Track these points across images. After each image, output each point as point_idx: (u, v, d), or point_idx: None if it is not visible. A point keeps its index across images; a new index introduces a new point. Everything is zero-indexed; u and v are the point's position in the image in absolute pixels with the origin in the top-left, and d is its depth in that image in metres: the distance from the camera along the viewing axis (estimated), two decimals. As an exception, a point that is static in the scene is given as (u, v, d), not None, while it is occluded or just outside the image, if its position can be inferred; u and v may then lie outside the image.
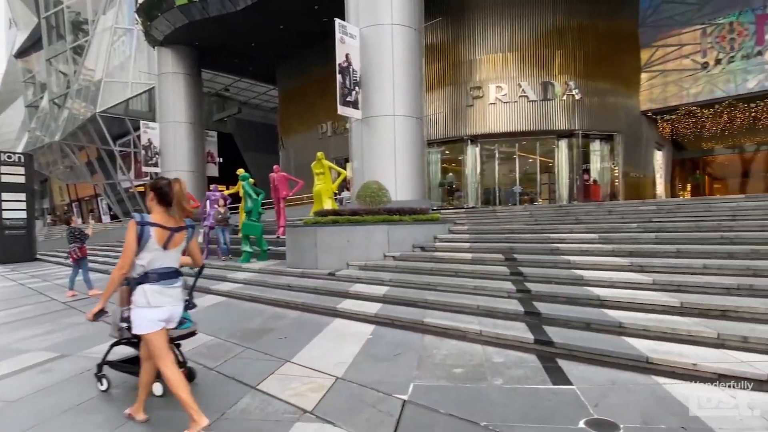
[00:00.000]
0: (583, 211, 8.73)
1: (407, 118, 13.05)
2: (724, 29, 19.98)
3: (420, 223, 8.42)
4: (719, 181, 29.69)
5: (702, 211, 7.31)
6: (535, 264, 5.94)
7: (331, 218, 8.28)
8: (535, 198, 21.41)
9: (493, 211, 10.44)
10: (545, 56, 19.93)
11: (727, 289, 4.14)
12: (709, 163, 30.04)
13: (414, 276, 6.43)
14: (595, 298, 4.47)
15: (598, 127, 20.41)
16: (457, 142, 20.57)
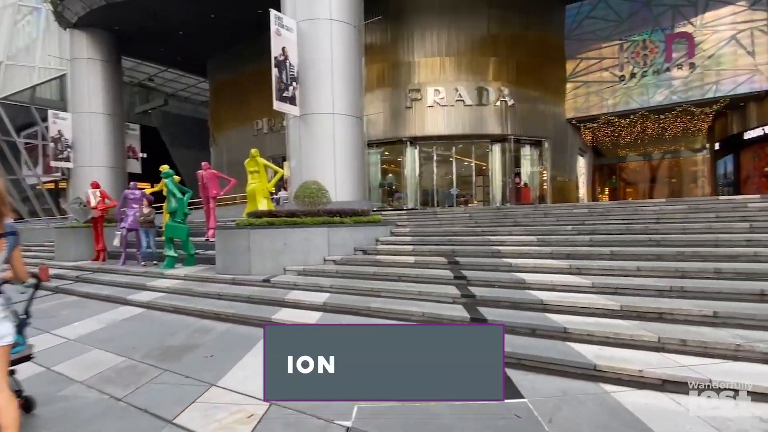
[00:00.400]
0: (520, 213, 8.94)
1: (347, 116, 12.73)
2: (639, 46, 21.76)
3: (361, 225, 8.14)
4: (631, 186, 32.52)
5: (630, 214, 7.74)
6: (478, 267, 5.89)
7: (266, 219, 7.75)
8: (470, 200, 22.02)
9: (434, 213, 10.43)
10: (480, 62, 20.52)
11: (660, 291, 4.28)
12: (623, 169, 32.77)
13: (356, 281, 6.12)
14: (539, 303, 4.44)
15: (528, 133, 21.38)
16: (396, 143, 20.57)
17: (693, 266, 4.69)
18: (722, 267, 4.50)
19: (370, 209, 9.24)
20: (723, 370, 2.95)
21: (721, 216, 6.62)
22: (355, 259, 7.15)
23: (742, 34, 19.27)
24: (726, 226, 5.97)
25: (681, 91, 20.69)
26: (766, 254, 4.72)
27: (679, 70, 20.70)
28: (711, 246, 5.35)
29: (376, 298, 5.38)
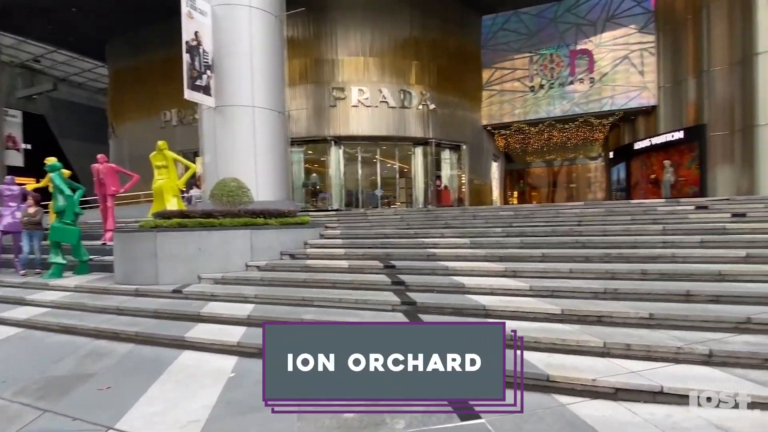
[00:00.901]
0: (450, 215, 8.95)
1: (269, 111, 11.97)
2: (546, 59, 23.45)
3: (288, 227, 7.54)
4: (536, 190, 35.22)
5: (553, 216, 8.07)
6: (415, 271, 5.66)
7: (176, 221, 6.85)
8: (393, 201, 22.12)
9: (364, 214, 10.11)
10: (403, 65, 20.70)
11: (595, 293, 4.35)
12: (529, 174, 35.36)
13: (285, 290, 5.57)
14: (481, 308, 4.29)
15: (448, 137, 22.02)
16: (320, 142, 20.00)
17: (621, 267, 4.87)
18: (647, 268, 4.72)
19: (297, 210, 8.66)
20: (670, 375, 2.96)
21: (636, 219, 7.13)
22: (282, 265, 6.57)
23: (633, 54, 21.59)
24: (641, 228, 6.41)
25: (582, 103, 22.66)
26: (682, 255, 5.07)
27: (581, 84, 22.67)
28: (630, 247, 5.66)
29: (309, 308, 4.90)
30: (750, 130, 16.96)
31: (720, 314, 3.57)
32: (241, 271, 6.64)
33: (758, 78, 16.56)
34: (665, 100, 20.98)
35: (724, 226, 6.03)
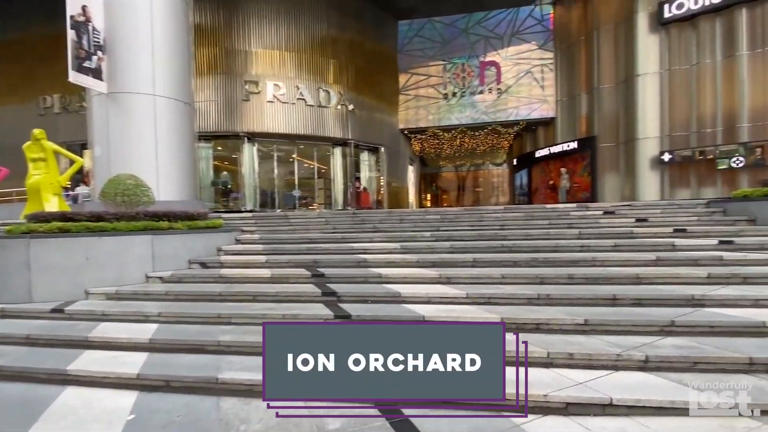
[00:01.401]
0: (377, 218, 8.70)
1: (173, 101, 10.82)
2: (458, 68, 24.46)
3: (198, 231, 6.70)
4: (446, 193, 36.77)
5: (477, 220, 8.19)
6: (346, 279, 5.28)
7: (57, 224, 5.70)
8: (311, 203, 21.44)
9: (285, 216, 9.46)
10: (322, 63, 20.18)
11: (529, 299, 4.36)
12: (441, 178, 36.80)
13: (197, 305, 4.85)
14: (419, 318, 4.07)
15: (366, 139, 21.92)
16: (232, 137, 18.69)
17: (549, 272, 4.98)
18: (573, 272, 4.88)
19: (208, 212, 7.79)
20: (615, 384, 2.96)
21: (553, 223, 7.49)
22: (192, 275, 5.77)
23: (535, 68, 23.35)
24: (560, 233, 6.72)
25: (491, 113, 24.00)
26: (600, 259, 5.34)
27: (490, 94, 24.01)
28: (553, 251, 5.87)
29: (227, 327, 4.29)
30: (632, 143, 19.20)
31: (647, 318, 3.72)
32: (141, 284, 5.72)
33: (638, 97, 18.80)
34: (562, 112, 23.00)
35: (632, 230, 6.56)
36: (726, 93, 16.88)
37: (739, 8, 16.35)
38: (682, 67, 17.97)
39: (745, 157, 16.26)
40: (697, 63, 17.61)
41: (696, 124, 17.70)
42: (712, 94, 17.22)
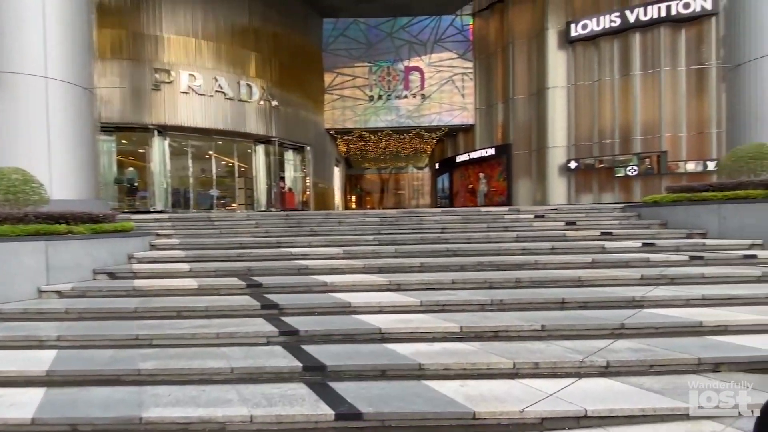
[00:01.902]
0: (314, 221, 8.21)
1: (69, 85, 9.41)
2: (384, 71, 24.60)
3: (103, 235, 5.76)
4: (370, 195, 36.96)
5: (417, 223, 8.08)
6: (287, 289, 4.81)
7: None
8: (229, 203, 20.10)
9: (209, 218, 8.57)
10: (243, 55, 19.06)
11: (482, 305, 4.28)
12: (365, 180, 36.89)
13: (107, 324, 4.08)
14: (376, 332, 3.78)
15: (291, 138, 21.12)
16: (138, 130, 16.87)
17: (496, 276, 4.97)
18: (519, 276, 4.92)
19: (115, 213, 6.76)
20: (584, 394, 2.93)
21: (491, 226, 7.61)
22: (98, 288, 4.89)
23: (456, 77, 24.22)
24: (499, 236, 6.84)
25: (415, 117, 24.45)
26: (543, 262, 5.47)
27: (414, 99, 24.45)
28: (495, 254, 5.93)
29: (148, 351, 3.63)
30: (543, 151, 20.67)
31: (598, 322, 3.80)
32: (33, 301, 4.73)
33: (549, 108, 20.31)
34: (480, 120, 24.13)
35: (564, 233, 6.88)
36: (622, 108, 18.82)
37: (633, 32, 18.33)
38: (587, 82, 19.72)
39: (638, 167, 18.25)
40: (598, 80, 19.42)
41: (597, 135, 19.51)
42: (611, 108, 19.10)
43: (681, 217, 7.12)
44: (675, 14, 17.55)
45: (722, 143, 17.36)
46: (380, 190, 36.88)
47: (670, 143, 17.95)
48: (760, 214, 6.00)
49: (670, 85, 17.91)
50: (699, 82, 17.70)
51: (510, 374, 3.22)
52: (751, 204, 6.14)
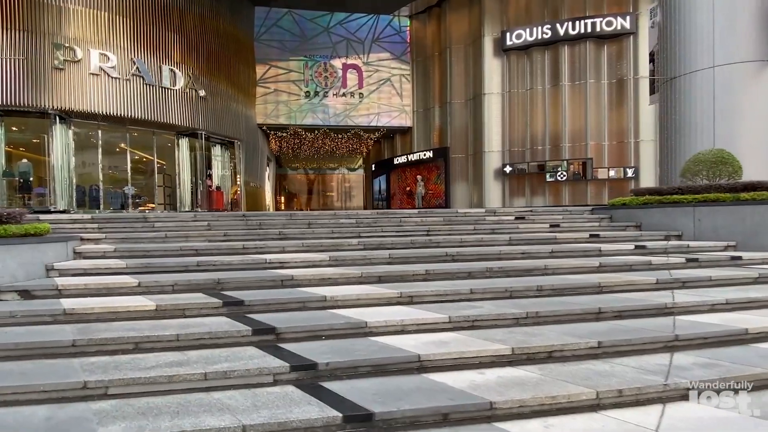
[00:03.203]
0: (278, 222, 7.13)
1: None
2: (321, 67, 23.60)
3: (8, 240, 4.33)
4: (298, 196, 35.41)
5: (397, 224, 7.38)
6: (276, 306, 3.87)
7: None
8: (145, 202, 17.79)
9: (145, 219, 7.09)
10: (167, 38, 17.01)
11: (516, 319, 3.76)
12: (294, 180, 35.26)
13: (33, 368, 2.89)
14: (412, 360, 3.07)
15: (221, 131, 19.31)
16: (34, 115, 14.22)
17: (513, 284, 4.48)
18: (539, 282, 4.47)
19: (23, 212, 5.20)
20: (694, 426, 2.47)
21: (477, 228, 7.16)
22: (8, 313, 3.56)
23: (394, 77, 23.97)
24: (491, 239, 6.41)
25: (353, 116, 23.76)
26: (552, 267, 5.10)
27: (352, 98, 23.74)
28: (497, 259, 5.47)
29: (104, 405, 2.56)
30: (479, 155, 21.11)
31: (652, 335, 3.45)
32: None
33: (485, 114, 20.80)
34: (418, 123, 24.12)
35: (555, 236, 6.66)
36: (552, 116, 19.83)
37: (563, 45, 19.39)
38: (520, 90, 20.50)
39: (567, 172, 19.30)
40: (531, 88, 20.29)
41: (530, 141, 20.36)
42: (542, 116, 20.04)
43: (656, 219, 7.30)
44: (599, 31, 18.85)
45: (640, 152, 19.03)
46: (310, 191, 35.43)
47: (594, 151, 19.23)
48: (730, 216, 6.27)
49: (594, 97, 19.21)
50: (618, 94, 19.19)
51: (592, 406, 2.70)
52: (722, 207, 6.41)
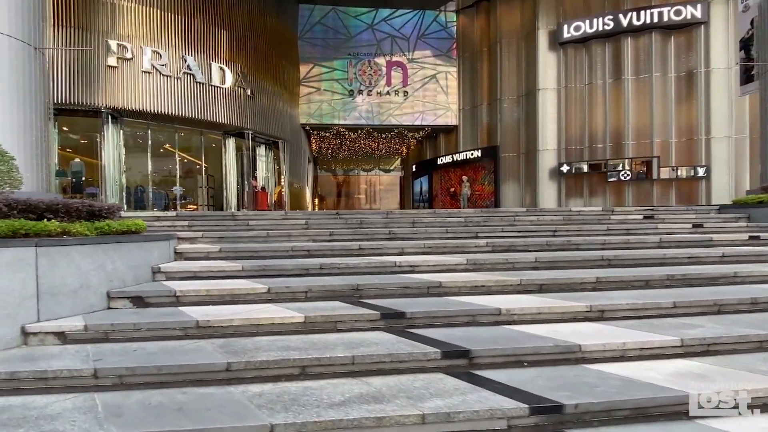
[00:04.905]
0: (378, 221, 6.44)
1: (16, 42, 7.02)
2: (365, 65, 22.98)
3: (112, 238, 3.73)
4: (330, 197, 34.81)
5: (510, 224, 6.55)
6: (441, 320, 3.11)
7: None
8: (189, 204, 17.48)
9: (233, 216, 6.51)
10: (216, 35, 16.65)
11: (760, 343, 2.89)
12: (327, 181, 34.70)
13: (184, 402, 2.20)
14: (680, 401, 2.26)
15: (266, 131, 18.89)
16: (85, 114, 14.02)
17: (715, 295, 3.60)
18: (755, 296, 3.57)
19: (118, 206, 4.63)
20: None
21: (612, 229, 6.29)
22: (130, 326, 2.90)
23: (440, 75, 23.14)
24: (639, 240, 5.52)
25: (397, 115, 23.02)
26: (743, 274, 4.19)
27: (397, 96, 23.01)
28: (659, 264, 4.60)
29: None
30: (532, 154, 20.05)
31: None
32: (13, 351, 2.69)
33: (539, 110, 19.74)
34: (464, 121, 23.19)
35: (711, 237, 5.71)
36: (613, 112, 18.62)
37: (625, 36, 18.20)
38: (578, 85, 19.37)
39: (630, 171, 18.08)
40: (589, 83, 19.14)
41: (588, 139, 19.20)
42: (602, 112, 18.86)
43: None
44: (666, 21, 17.61)
45: (711, 149, 17.67)
46: (344, 193, 34.82)
47: (660, 149, 17.96)
48: None
49: (660, 91, 17.94)
50: (687, 88, 17.87)
51: None
52: None
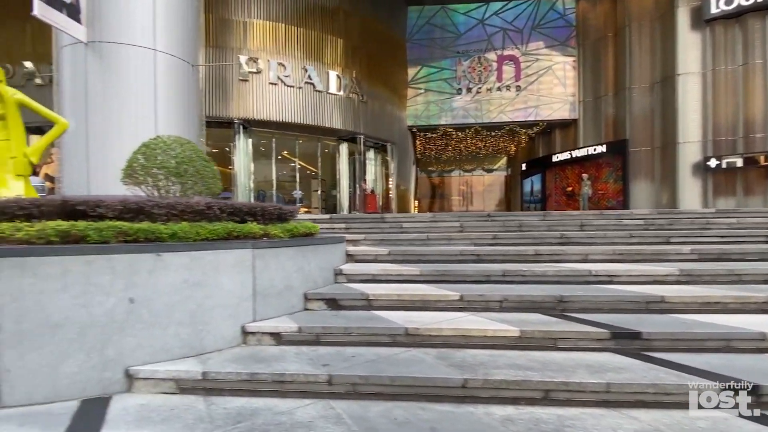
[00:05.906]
0: (536, 223, 5.99)
1: (177, 60, 7.76)
2: (474, 62, 22.27)
3: (302, 240, 3.78)
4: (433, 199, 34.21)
5: (703, 227, 5.72)
6: (685, 344, 2.60)
7: (61, 227, 2.63)
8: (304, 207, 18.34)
9: (383, 219, 6.57)
10: (332, 43, 17.30)
11: None
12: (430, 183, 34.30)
13: (427, 414, 1.99)
14: None
15: (376, 135, 19.16)
16: (221, 125, 15.36)
17: None
18: None
19: (295, 209, 4.77)
20: None
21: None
22: (339, 330, 2.84)
23: (557, 66, 21.58)
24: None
25: (509, 111, 21.95)
26: None
27: (508, 92, 21.96)
28: None
29: None
30: (671, 147, 17.69)
31: None
32: (236, 350, 2.75)
33: (678, 98, 17.32)
34: (585, 114, 21.31)
35: None
36: (777, 96, 15.71)
37: (794, 6, 15.25)
38: (729, 67, 16.67)
39: (804, 165, 15.08)
40: (744, 63, 16.36)
41: (743, 128, 16.42)
42: (763, 97, 16.00)
43: None
44: None
45: None
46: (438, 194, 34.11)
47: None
48: None
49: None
50: None
51: None
52: None
